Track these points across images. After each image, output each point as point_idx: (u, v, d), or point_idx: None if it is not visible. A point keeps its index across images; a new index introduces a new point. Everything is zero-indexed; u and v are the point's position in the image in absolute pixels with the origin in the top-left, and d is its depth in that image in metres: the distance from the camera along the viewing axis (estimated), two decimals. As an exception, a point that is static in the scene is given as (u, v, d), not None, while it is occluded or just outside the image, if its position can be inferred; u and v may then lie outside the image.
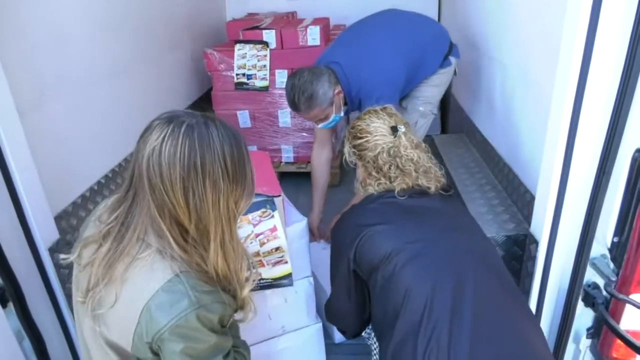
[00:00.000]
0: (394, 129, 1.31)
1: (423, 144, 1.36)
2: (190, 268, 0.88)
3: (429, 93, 2.19)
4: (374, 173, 1.30)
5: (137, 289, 0.87)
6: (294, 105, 1.90)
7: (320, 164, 2.27)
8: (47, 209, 1.47)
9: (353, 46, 2.03)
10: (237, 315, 1.01)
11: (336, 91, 1.91)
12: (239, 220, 1.30)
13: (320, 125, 2.02)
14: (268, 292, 1.42)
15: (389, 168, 1.28)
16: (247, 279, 0.99)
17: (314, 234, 2.23)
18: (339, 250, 1.24)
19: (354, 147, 1.35)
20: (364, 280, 1.21)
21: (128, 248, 0.89)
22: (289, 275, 1.38)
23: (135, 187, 0.89)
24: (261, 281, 1.36)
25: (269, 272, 1.36)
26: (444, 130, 3.51)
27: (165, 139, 0.84)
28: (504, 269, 1.19)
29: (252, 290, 1.37)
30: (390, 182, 1.27)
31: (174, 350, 0.85)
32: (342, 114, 2.00)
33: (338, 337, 1.80)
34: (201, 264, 0.90)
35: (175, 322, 0.84)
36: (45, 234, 1.44)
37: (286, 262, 1.35)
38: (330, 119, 1.97)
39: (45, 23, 1.62)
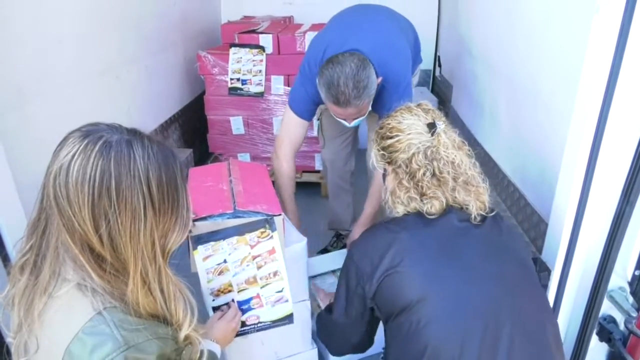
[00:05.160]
0: (432, 126, 1.10)
1: (466, 146, 1.15)
2: (115, 301, 0.77)
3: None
4: (405, 182, 1.10)
5: (56, 333, 0.76)
6: (343, 98, 1.53)
7: (293, 171, 1.91)
8: (23, 219, 1.35)
9: (364, 30, 1.77)
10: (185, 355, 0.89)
11: (379, 80, 1.63)
12: (235, 241, 1.22)
13: (352, 123, 1.69)
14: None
15: (423, 175, 1.08)
16: (184, 320, 0.86)
17: None
18: (355, 276, 1.08)
19: (383, 149, 1.15)
20: (377, 317, 1.09)
21: (45, 284, 0.78)
22: (289, 316, 1.27)
23: (46, 210, 0.78)
24: (259, 324, 1.25)
25: (268, 314, 1.25)
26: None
27: (75, 156, 0.74)
28: (547, 314, 1.07)
29: (249, 333, 1.28)
30: (421, 199, 1.09)
31: None
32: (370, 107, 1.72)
33: (333, 362, 1.70)
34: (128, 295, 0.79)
35: None
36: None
37: (287, 300, 1.24)
38: (366, 114, 1.69)
39: (27, 17, 1.51)
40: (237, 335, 1.26)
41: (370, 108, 1.70)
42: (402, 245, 1.04)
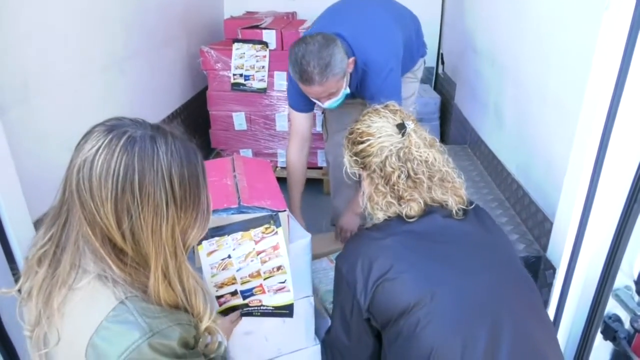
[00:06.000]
0: (401, 126, 1.10)
1: (438, 143, 1.15)
2: (136, 290, 0.78)
3: (414, 89, 2.10)
4: (380, 187, 1.10)
5: (78, 324, 0.76)
6: (306, 75, 1.58)
7: (302, 163, 1.96)
8: (26, 212, 1.35)
9: (351, 16, 1.82)
10: (207, 339, 0.90)
11: (349, 60, 1.66)
12: (239, 237, 1.21)
13: (326, 104, 1.72)
14: (265, 312, 1.32)
15: (398, 177, 1.07)
16: (204, 313, 0.86)
17: None
18: (346, 290, 1.05)
19: (355, 154, 1.15)
20: (375, 327, 1.06)
21: (64, 276, 0.78)
22: (290, 306, 1.27)
23: (67, 202, 0.78)
24: (261, 307, 1.26)
25: (270, 299, 1.26)
26: (442, 140, 3.44)
27: (100, 150, 0.73)
28: (539, 302, 1.07)
29: (252, 315, 1.29)
30: (399, 202, 1.08)
31: None
32: (348, 90, 1.74)
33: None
34: (148, 285, 0.80)
35: (126, 356, 0.73)
36: (23, 239, 1.32)
37: (288, 291, 1.24)
38: (340, 95, 1.70)
39: (31, 11, 1.50)
40: (242, 315, 1.28)
41: (347, 90, 1.71)
42: (389, 251, 1.02)
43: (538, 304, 1.07)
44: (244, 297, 1.26)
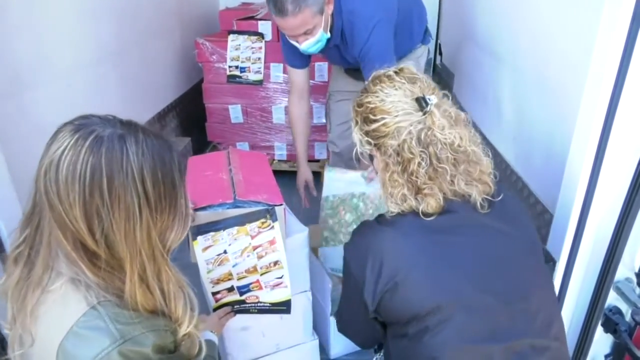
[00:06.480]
0: (422, 102, 0.93)
1: (462, 115, 0.98)
2: (110, 295, 0.75)
3: None
4: (396, 175, 0.95)
5: (50, 327, 0.75)
6: (279, 4, 1.52)
7: (301, 114, 2.04)
8: (18, 209, 1.33)
9: None
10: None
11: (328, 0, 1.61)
12: (235, 232, 1.19)
13: (303, 45, 1.66)
14: (263, 307, 1.30)
15: (418, 165, 0.92)
16: (183, 318, 0.83)
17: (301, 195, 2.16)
18: (354, 287, 0.98)
19: (367, 133, 0.99)
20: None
21: (38, 277, 0.76)
22: (287, 302, 1.26)
23: (39, 204, 0.76)
24: (258, 304, 1.24)
25: (267, 296, 1.24)
26: (441, 131, 3.42)
27: (65, 151, 0.70)
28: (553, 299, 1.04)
29: (249, 312, 1.28)
30: (415, 196, 0.95)
31: None
32: (328, 34, 1.70)
33: (333, 352, 1.69)
34: (123, 290, 0.77)
35: None
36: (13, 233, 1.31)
37: (286, 286, 1.23)
38: (317, 36, 1.64)
39: (22, 4, 1.48)
40: (238, 312, 1.27)
41: (327, 34, 1.68)
42: (400, 252, 0.94)
43: (553, 312, 1.03)
44: (241, 294, 1.24)
